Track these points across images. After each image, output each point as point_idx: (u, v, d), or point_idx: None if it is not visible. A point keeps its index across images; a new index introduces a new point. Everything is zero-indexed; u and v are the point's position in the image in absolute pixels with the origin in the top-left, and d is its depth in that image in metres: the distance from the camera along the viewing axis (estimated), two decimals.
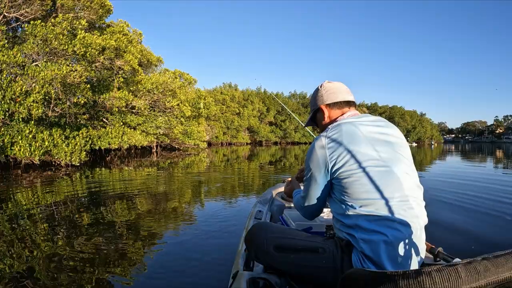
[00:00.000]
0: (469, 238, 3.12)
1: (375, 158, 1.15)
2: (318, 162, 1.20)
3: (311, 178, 1.24)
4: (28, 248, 2.66)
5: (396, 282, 0.53)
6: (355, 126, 1.22)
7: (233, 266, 1.47)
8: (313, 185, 1.24)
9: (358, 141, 1.17)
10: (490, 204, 4.66)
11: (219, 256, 2.49)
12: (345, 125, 1.23)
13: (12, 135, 8.69)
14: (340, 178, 1.16)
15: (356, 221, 1.12)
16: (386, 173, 1.14)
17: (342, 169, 1.15)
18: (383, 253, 1.08)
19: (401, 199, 1.12)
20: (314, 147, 1.22)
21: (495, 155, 20.72)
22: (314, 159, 1.21)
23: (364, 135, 1.19)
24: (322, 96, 1.42)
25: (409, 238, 1.11)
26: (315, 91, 1.47)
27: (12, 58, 8.85)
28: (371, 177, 1.12)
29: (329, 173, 1.19)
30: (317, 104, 1.43)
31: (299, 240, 1.20)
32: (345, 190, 1.15)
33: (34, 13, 10.73)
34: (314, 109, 1.46)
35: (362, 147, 1.16)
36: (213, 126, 35.98)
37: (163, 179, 7.54)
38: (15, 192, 5.32)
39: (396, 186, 1.13)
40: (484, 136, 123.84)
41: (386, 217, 1.09)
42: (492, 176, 8.91)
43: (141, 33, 18.33)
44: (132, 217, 3.79)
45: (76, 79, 10.37)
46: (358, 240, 1.11)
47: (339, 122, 1.27)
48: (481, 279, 0.49)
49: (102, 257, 2.47)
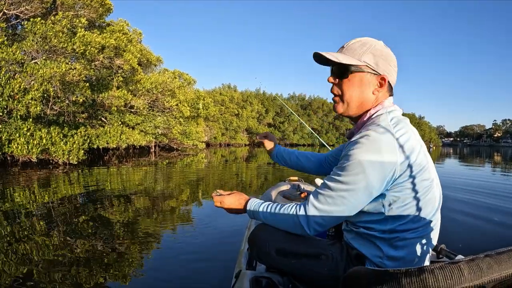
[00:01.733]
0: (471, 234, 3.14)
1: (432, 173, 0.99)
2: (384, 169, 0.92)
3: (361, 187, 0.94)
4: (24, 247, 2.64)
5: (399, 280, 0.53)
6: (411, 128, 1.01)
7: (236, 265, 1.47)
8: (360, 196, 0.95)
9: (424, 150, 0.99)
10: (492, 201, 4.70)
11: (222, 255, 2.49)
12: (405, 124, 0.99)
13: (10, 133, 8.66)
14: (396, 193, 0.96)
15: (391, 232, 0.99)
16: (433, 189, 0.99)
17: (405, 184, 0.94)
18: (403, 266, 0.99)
19: (434, 213, 1.02)
20: (380, 148, 0.92)
21: (493, 158, 20.79)
22: (377, 163, 0.91)
23: (421, 143, 0.99)
24: (393, 67, 1.07)
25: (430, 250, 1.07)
26: (380, 45, 1.06)
27: (11, 55, 8.83)
28: (424, 195, 0.97)
29: (390, 184, 0.95)
30: (380, 66, 1.04)
31: (301, 245, 1.12)
32: (393, 206, 0.97)
33: (34, 10, 10.71)
34: (370, 66, 1.03)
35: (427, 158, 0.98)
36: (211, 127, 35.93)
37: (161, 179, 7.53)
38: (12, 190, 5.30)
39: (433, 201, 1.01)
40: (482, 139, 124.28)
41: (419, 236, 1.00)
42: (491, 176, 9.02)
43: (141, 33, 18.32)
44: (131, 216, 3.78)
45: (75, 77, 10.35)
46: (384, 256, 1.00)
47: (398, 116, 1.02)
48: (484, 276, 0.49)
49: (99, 257, 2.46)
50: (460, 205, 4.42)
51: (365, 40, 1.06)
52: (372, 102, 1.07)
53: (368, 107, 1.07)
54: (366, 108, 1.08)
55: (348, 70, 1.04)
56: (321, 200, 0.99)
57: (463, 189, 5.66)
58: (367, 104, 1.07)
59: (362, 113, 1.09)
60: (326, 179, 1.02)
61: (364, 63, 1.03)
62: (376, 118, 1.03)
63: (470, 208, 4.30)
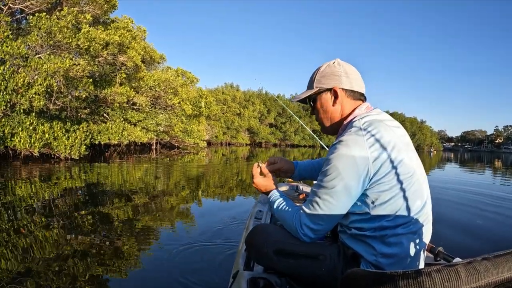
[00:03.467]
0: (469, 237, 3.14)
1: (411, 167, 1.02)
2: (357, 168, 0.97)
3: (340, 189, 1.00)
4: (23, 240, 2.65)
5: (396, 282, 0.53)
6: (388, 126, 1.05)
7: (234, 266, 1.46)
8: (341, 198, 1.01)
9: (398, 146, 1.01)
10: (490, 204, 4.71)
11: (219, 255, 2.47)
12: (379, 123, 1.04)
13: (12, 126, 8.68)
14: (376, 191, 1.00)
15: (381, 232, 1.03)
16: (416, 183, 1.03)
17: (383, 181, 0.98)
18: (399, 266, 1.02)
19: (422, 207, 1.04)
20: (350, 148, 0.98)
21: (493, 164, 20.75)
22: (349, 163, 0.98)
23: (399, 139, 1.03)
24: (339, 76, 1.15)
25: (424, 247, 1.09)
26: (325, 66, 1.18)
27: (15, 50, 8.85)
28: (406, 189, 1.00)
29: (367, 183, 1.00)
30: (328, 82, 1.16)
31: (299, 245, 1.13)
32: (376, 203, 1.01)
33: (39, 5, 10.74)
34: (321, 88, 1.17)
35: (402, 154, 1.01)
36: (213, 126, 35.97)
37: (162, 177, 7.54)
38: (13, 183, 5.32)
39: (419, 194, 1.04)
40: (483, 145, 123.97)
41: (410, 231, 1.03)
42: (490, 180, 9.01)
43: (145, 30, 18.34)
44: (130, 213, 3.79)
45: (79, 73, 10.38)
46: (378, 254, 1.03)
47: (372, 118, 1.07)
48: (481, 279, 0.50)
49: (98, 254, 2.47)
50: (458, 208, 4.43)
51: (317, 69, 1.21)
52: (339, 113, 1.18)
53: (338, 119, 1.19)
54: (337, 120, 1.19)
55: (311, 100, 1.22)
56: (310, 207, 1.07)
57: (461, 193, 5.67)
58: (335, 117, 1.19)
59: (339, 126, 1.19)
60: (313, 186, 1.11)
61: (316, 88, 1.18)
62: (349, 125, 1.10)
63: (468, 211, 4.31)
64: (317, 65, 1.24)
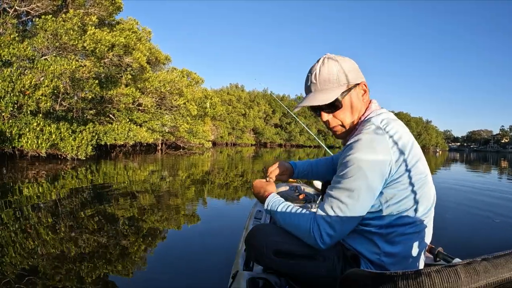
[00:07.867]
0: (469, 238, 3.12)
1: (424, 169, 1.02)
2: (381, 169, 0.95)
3: (364, 191, 0.96)
4: (30, 240, 2.68)
5: (396, 283, 0.53)
6: (404, 127, 1.04)
7: (233, 266, 1.46)
8: (365, 200, 0.97)
9: (415, 148, 1.01)
10: (491, 205, 4.67)
11: (219, 255, 2.47)
12: (395, 123, 1.03)
13: (20, 127, 8.79)
14: (392, 190, 0.99)
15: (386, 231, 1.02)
16: (428, 184, 1.03)
17: (399, 180, 0.98)
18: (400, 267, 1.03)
19: (429, 208, 1.05)
20: (374, 148, 0.95)
21: (500, 165, 20.52)
22: (374, 164, 0.95)
23: (415, 141, 1.03)
24: (358, 71, 1.11)
25: (425, 248, 1.10)
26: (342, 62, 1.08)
27: (22, 52, 8.96)
28: (418, 190, 1.00)
29: (387, 182, 0.98)
30: (355, 77, 1.08)
31: (298, 246, 1.11)
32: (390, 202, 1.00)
33: (45, 7, 10.86)
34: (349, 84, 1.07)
35: (418, 155, 1.01)
36: (218, 126, 36.06)
37: (167, 177, 7.57)
38: (20, 183, 5.38)
39: (428, 195, 1.04)
40: (489, 145, 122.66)
41: (416, 231, 1.03)
42: (493, 181, 8.95)
43: (150, 31, 18.46)
44: (134, 213, 3.81)
45: (85, 74, 10.48)
46: (381, 253, 1.03)
47: (387, 116, 1.06)
48: (481, 280, 0.49)
49: (103, 253, 2.49)
50: (458, 208, 4.40)
51: (329, 64, 1.08)
52: (364, 108, 1.13)
53: (360, 115, 1.12)
54: (360, 116, 1.12)
55: (339, 101, 1.08)
56: (329, 212, 1.00)
57: (462, 193, 5.62)
58: (360, 113, 1.12)
59: (356, 124, 1.14)
60: (329, 189, 1.03)
61: (344, 85, 1.07)
62: (367, 122, 1.06)
63: (468, 211, 4.28)
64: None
